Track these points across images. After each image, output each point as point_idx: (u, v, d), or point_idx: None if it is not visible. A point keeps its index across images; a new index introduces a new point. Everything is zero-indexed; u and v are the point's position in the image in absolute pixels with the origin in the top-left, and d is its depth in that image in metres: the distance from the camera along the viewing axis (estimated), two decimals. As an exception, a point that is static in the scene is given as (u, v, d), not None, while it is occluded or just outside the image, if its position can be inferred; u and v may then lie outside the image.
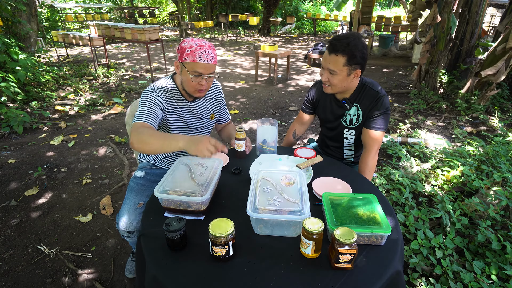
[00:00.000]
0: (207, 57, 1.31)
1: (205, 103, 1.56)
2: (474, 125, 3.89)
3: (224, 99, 1.68)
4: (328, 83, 1.49)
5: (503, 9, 7.25)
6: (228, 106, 4.64)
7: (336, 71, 1.42)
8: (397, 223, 1.07)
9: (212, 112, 1.61)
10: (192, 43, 1.30)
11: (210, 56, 1.31)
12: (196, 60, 1.29)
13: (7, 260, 1.89)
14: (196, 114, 1.53)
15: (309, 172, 1.34)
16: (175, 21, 16.35)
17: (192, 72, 1.31)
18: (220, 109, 1.67)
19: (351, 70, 1.42)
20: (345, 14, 14.36)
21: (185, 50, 1.30)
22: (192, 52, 1.29)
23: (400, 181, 2.23)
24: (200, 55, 1.29)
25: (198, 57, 1.29)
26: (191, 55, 1.29)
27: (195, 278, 0.86)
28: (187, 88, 1.39)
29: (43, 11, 12.29)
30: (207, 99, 1.57)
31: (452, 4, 4.48)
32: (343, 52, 1.37)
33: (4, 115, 3.63)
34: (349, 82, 1.48)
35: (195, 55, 1.29)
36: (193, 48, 1.29)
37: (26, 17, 5.65)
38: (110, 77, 5.95)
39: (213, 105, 1.61)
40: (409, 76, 6.39)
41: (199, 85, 1.35)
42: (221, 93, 1.65)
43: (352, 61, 1.39)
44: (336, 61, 1.40)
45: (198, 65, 1.30)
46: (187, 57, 1.30)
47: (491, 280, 1.49)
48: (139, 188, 1.48)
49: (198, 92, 1.39)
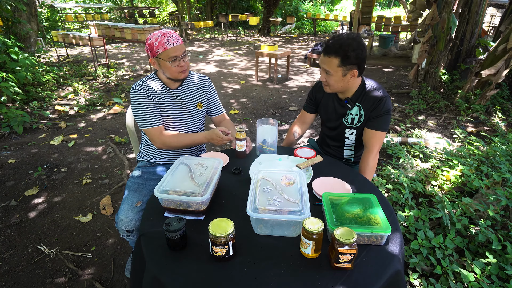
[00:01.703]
0: (174, 40, 1.43)
1: (191, 92, 1.64)
2: (474, 125, 3.89)
3: (214, 92, 1.76)
4: (326, 83, 1.51)
5: (503, 9, 7.25)
6: (228, 106, 4.63)
7: (331, 71, 1.44)
8: (397, 223, 1.07)
9: (199, 101, 1.67)
10: (155, 36, 1.43)
11: (176, 39, 1.44)
12: (167, 47, 1.41)
13: (7, 260, 1.89)
14: (180, 101, 1.60)
15: (309, 172, 1.34)
16: (175, 21, 16.34)
17: (169, 58, 1.43)
18: (209, 100, 1.73)
19: (346, 70, 1.43)
20: (345, 14, 14.38)
21: (153, 45, 1.42)
22: (160, 42, 1.41)
23: (400, 181, 2.23)
24: (168, 41, 1.41)
25: (167, 44, 1.41)
26: (160, 45, 1.41)
27: (195, 278, 0.86)
28: (171, 75, 1.50)
29: (43, 11, 12.29)
30: (191, 88, 1.64)
31: (452, 4, 4.48)
32: (335, 54, 1.39)
33: (4, 115, 3.63)
34: (346, 82, 1.48)
35: (164, 43, 1.41)
36: (159, 39, 1.41)
37: (26, 17, 5.65)
38: (110, 77, 5.95)
39: (199, 94, 1.67)
40: (408, 76, 6.39)
41: (179, 67, 1.47)
42: (210, 85, 1.73)
43: (346, 61, 1.40)
44: (330, 62, 1.42)
45: (170, 50, 1.42)
46: (158, 49, 1.42)
47: (491, 280, 1.49)
48: (136, 187, 1.50)
49: (182, 73, 1.51)
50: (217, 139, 1.47)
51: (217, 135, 1.47)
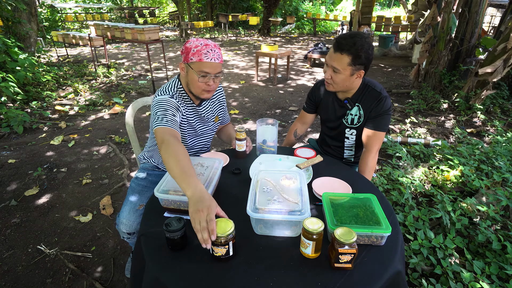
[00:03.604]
0: (214, 55, 1.27)
1: (210, 106, 1.56)
2: (474, 125, 3.89)
3: (225, 101, 1.67)
4: (331, 81, 1.48)
5: (503, 9, 7.25)
6: (228, 106, 4.64)
7: (339, 69, 1.41)
8: (397, 223, 1.07)
9: (217, 115, 1.60)
10: (197, 42, 1.27)
11: (216, 55, 1.28)
12: (203, 59, 1.25)
13: (7, 260, 1.89)
14: (202, 118, 1.52)
15: (309, 172, 1.34)
16: (175, 21, 16.35)
17: (199, 72, 1.27)
18: (223, 111, 1.67)
19: (354, 70, 1.41)
20: (345, 14, 14.37)
21: (190, 50, 1.26)
22: (198, 51, 1.25)
23: (400, 181, 2.23)
24: (207, 54, 1.26)
25: (204, 56, 1.25)
26: (197, 54, 1.25)
27: (195, 278, 0.86)
28: (194, 90, 1.35)
29: (43, 11, 12.29)
30: (211, 102, 1.56)
31: (452, 4, 4.48)
32: (348, 52, 1.36)
33: (4, 115, 3.63)
34: (351, 82, 1.47)
35: (201, 54, 1.25)
36: (198, 47, 1.26)
37: (26, 17, 5.65)
38: (110, 77, 5.95)
39: (217, 107, 1.61)
40: (409, 76, 6.39)
41: (206, 85, 1.31)
42: (223, 95, 1.65)
43: (357, 61, 1.38)
44: (340, 60, 1.39)
45: (205, 64, 1.26)
46: (193, 57, 1.26)
47: (491, 280, 1.49)
48: (140, 189, 1.47)
49: (206, 93, 1.34)
50: (196, 226, 0.91)
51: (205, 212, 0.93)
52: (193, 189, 0.99)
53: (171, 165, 1.07)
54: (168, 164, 1.08)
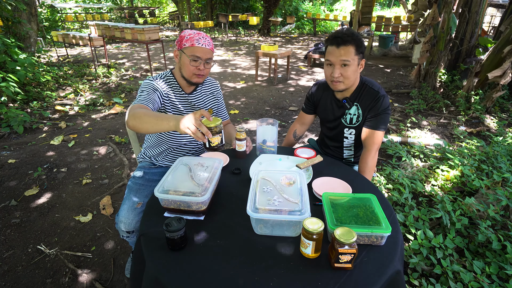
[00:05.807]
0: (205, 42, 1.40)
1: (202, 96, 1.62)
2: (474, 125, 3.89)
3: (222, 97, 1.74)
4: (341, 78, 1.47)
5: (503, 9, 7.25)
6: (228, 106, 4.63)
7: (349, 60, 1.43)
8: (397, 223, 1.07)
9: (210, 107, 1.65)
10: (190, 31, 1.42)
11: (207, 42, 1.41)
12: (195, 44, 1.38)
13: (7, 260, 1.89)
14: (193, 107, 1.57)
15: (309, 172, 1.34)
16: (175, 21, 16.35)
17: (191, 55, 1.39)
18: (218, 106, 1.71)
19: (359, 59, 1.46)
20: (345, 14, 14.37)
21: (184, 37, 1.40)
22: (191, 38, 1.39)
23: (400, 181, 2.23)
24: (198, 40, 1.39)
25: (196, 42, 1.38)
26: (190, 40, 1.38)
27: (195, 278, 0.86)
28: (185, 73, 1.44)
29: (43, 11, 12.29)
30: (204, 93, 1.62)
31: (452, 4, 4.48)
32: (352, 42, 1.41)
33: (4, 115, 3.63)
34: (357, 74, 1.51)
35: (194, 40, 1.38)
36: (191, 35, 1.39)
37: (26, 17, 5.65)
38: (110, 77, 5.95)
39: (210, 99, 1.66)
40: (409, 76, 6.39)
41: (197, 69, 1.41)
42: (219, 90, 1.71)
43: (359, 49, 1.43)
44: (348, 51, 1.42)
45: (197, 48, 1.38)
46: (186, 43, 1.39)
47: (491, 280, 1.49)
48: (137, 188, 1.48)
49: (196, 77, 1.44)
50: (191, 127, 1.03)
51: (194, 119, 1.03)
52: (174, 117, 1.09)
53: (143, 119, 1.15)
54: (140, 120, 1.16)
